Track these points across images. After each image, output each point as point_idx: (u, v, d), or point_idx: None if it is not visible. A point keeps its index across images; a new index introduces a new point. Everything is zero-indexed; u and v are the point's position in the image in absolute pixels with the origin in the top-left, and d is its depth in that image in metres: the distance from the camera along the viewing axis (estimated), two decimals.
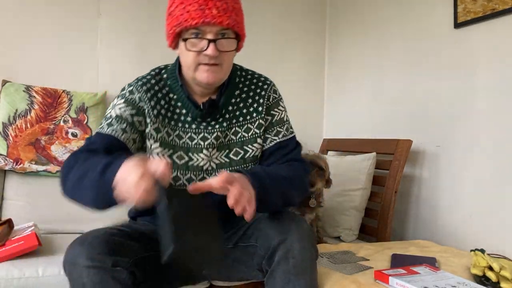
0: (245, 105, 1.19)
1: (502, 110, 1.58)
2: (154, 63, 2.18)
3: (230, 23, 1.03)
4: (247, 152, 1.18)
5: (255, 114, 1.19)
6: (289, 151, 1.20)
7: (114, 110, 1.11)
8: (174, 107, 1.15)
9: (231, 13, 1.03)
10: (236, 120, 1.18)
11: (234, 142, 1.18)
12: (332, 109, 2.59)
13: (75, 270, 0.92)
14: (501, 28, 1.59)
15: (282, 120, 1.23)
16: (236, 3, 1.07)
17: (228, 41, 1.06)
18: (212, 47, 1.02)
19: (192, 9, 1.01)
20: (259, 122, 1.19)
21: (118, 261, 0.94)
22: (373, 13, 2.25)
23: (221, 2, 1.02)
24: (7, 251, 1.32)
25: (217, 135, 1.16)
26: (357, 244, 1.63)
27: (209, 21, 1.00)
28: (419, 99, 1.95)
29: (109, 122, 1.09)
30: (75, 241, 0.97)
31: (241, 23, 1.09)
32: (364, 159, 1.94)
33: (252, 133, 1.19)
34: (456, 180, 1.75)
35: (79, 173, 0.95)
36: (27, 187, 1.77)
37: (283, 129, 1.22)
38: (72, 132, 1.85)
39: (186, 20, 1.01)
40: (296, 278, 0.99)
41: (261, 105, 1.20)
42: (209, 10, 1.00)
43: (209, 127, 1.15)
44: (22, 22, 1.96)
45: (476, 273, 1.20)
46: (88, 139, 1.10)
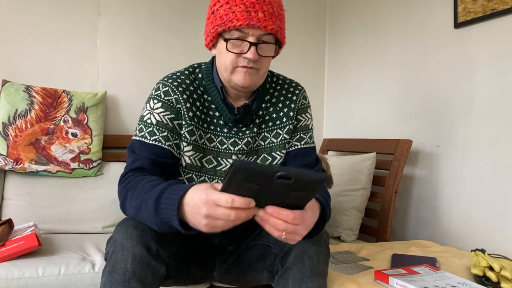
0: (275, 110, 1.17)
1: (501, 110, 1.58)
2: (154, 63, 2.21)
3: (274, 28, 1.01)
4: (275, 158, 1.16)
5: (285, 119, 1.16)
6: (310, 162, 1.17)
7: (153, 115, 1.07)
8: (208, 109, 1.12)
9: (276, 19, 1.01)
10: (266, 125, 1.16)
11: (263, 148, 1.16)
12: (332, 109, 2.59)
13: (122, 251, 0.91)
14: (501, 28, 1.59)
15: (307, 127, 1.20)
16: (281, 9, 1.05)
17: (268, 46, 1.04)
18: (253, 51, 1.00)
19: (238, 9, 0.99)
20: (289, 128, 1.16)
21: (161, 252, 0.95)
22: (373, 13, 2.25)
23: (267, 6, 1.00)
24: (7, 251, 1.32)
25: (247, 140, 1.13)
26: (358, 244, 1.63)
27: (254, 24, 0.98)
28: (419, 99, 1.95)
29: (151, 130, 1.06)
30: (127, 222, 0.96)
31: (283, 30, 1.07)
32: (364, 159, 1.94)
33: (281, 139, 1.16)
34: (456, 180, 1.75)
35: (135, 206, 0.93)
36: (27, 187, 1.77)
37: (306, 137, 1.19)
38: (72, 132, 1.85)
39: (231, 20, 0.99)
40: (310, 280, 0.98)
41: (292, 110, 1.17)
42: (255, 13, 0.98)
43: (240, 133, 1.13)
44: (22, 22, 1.96)
45: (477, 273, 1.20)
46: (131, 151, 1.06)
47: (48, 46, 2.00)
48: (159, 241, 0.95)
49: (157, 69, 2.19)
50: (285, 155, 1.17)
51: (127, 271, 0.89)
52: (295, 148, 1.17)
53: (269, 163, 1.15)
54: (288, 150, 1.17)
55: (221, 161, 1.12)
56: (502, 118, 1.58)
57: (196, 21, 2.29)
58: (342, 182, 1.91)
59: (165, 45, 2.22)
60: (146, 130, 1.06)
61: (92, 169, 1.88)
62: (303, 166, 1.16)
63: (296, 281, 0.98)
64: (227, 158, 1.12)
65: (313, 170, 1.16)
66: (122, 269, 0.89)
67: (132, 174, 1.01)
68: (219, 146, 1.12)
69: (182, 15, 2.27)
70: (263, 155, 1.15)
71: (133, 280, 0.89)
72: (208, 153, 1.11)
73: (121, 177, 1.03)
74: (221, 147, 1.12)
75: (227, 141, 1.12)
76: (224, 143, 1.12)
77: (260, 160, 1.15)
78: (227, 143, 1.12)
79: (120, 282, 0.89)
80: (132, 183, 0.97)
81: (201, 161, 1.11)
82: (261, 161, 1.16)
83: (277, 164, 1.16)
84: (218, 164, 1.12)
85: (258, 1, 0.99)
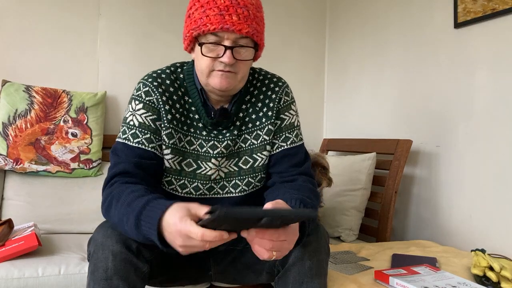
0: (255, 110, 1.14)
1: (501, 110, 1.58)
2: (154, 63, 2.20)
3: (249, 31, 0.99)
4: (257, 160, 1.13)
5: (264, 120, 1.13)
6: (298, 161, 1.14)
7: (135, 117, 1.06)
8: (188, 111, 1.10)
9: (251, 21, 0.99)
10: (246, 126, 1.13)
11: (244, 150, 1.13)
12: (332, 109, 2.59)
13: (102, 250, 0.92)
14: (501, 28, 1.59)
15: (292, 125, 1.16)
16: (258, 11, 1.03)
17: (245, 50, 1.02)
18: (229, 55, 0.99)
19: (211, 13, 0.97)
20: (268, 128, 1.13)
21: (142, 250, 0.95)
22: (373, 13, 2.25)
23: (242, 9, 0.98)
24: (7, 251, 1.32)
25: (227, 143, 1.11)
26: (358, 244, 1.63)
27: (228, 28, 0.97)
28: (419, 99, 1.95)
29: (134, 133, 1.05)
30: (107, 223, 0.97)
31: (261, 33, 1.04)
32: (364, 159, 1.94)
33: (261, 140, 1.13)
34: (456, 180, 1.75)
35: (117, 217, 0.93)
36: (27, 187, 1.77)
37: (292, 135, 1.15)
38: (72, 132, 1.85)
39: (205, 24, 0.98)
40: (310, 280, 0.98)
41: (271, 109, 1.14)
42: (229, 16, 0.97)
43: (220, 136, 1.11)
44: (22, 22, 1.96)
45: (477, 273, 1.20)
46: (115, 153, 1.05)
47: (48, 46, 2.00)
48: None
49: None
50: (271, 157, 1.15)
51: (108, 269, 0.90)
52: (282, 149, 1.14)
53: (251, 165, 1.13)
54: (274, 151, 1.14)
55: (201, 164, 1.11)
56: (502, 118, 1.58)
57: None
58: (342, 182, 1.91)
59: (165, 45, 2.22)
60: (129, 132, 1.05)
61: (92, 169, 1.87)
62: (291, 167, 1.13)
63: (296, 281, 0.98)
64: (206, 162, 1.11)
65: (302, 170, 1.14)
66: (103, 267, 0.90)
67: (117, 180, 1.00)
68: (198, 149, 1.10)
69: (182, 15, 2.25)
70: (244, 157, 1.13)
71: (115, 277, 0.90)
72: (187, 156, 1.10)
73: (105, 182, 1.03)
74: (200, 150, 1.10)
75: (206, 144, 1.11)
76: (203, 146, 1.11)
77: (241, 162, 1.13)
78: (206, 146, 1.11)
79: (102, 280, 0.90)
80: (116, 191, 0.96)
81: (180, 165, 1.10)
82: (242, 164, 1.13)
83: (259, 166, 1.13)
84: (198, 167, 1.11)
85: (232, 4, 0.97)
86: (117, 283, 0.90)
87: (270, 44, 2.49)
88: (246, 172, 1.14)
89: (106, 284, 0.90)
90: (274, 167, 1.14)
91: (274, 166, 1.14)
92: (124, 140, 1.05)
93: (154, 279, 1.07)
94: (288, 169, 1.13)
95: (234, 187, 1.13)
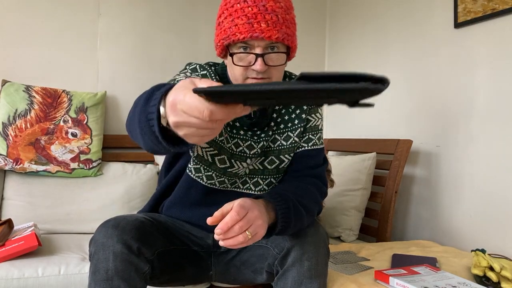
0: (288, 112, 1.15)
1: (501, 110, 1.58)
2: (154, 63, 2.21)
3: (279, 37, 0.98)
4: (283, 162, 1.14)
5: (297, 121, 1.14)
6: (315, 164, 1.15)
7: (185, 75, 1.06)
8: None
9: (281, 26, 0.98)
10: (277, 127, 1.14)
11: (271, 150, 1.13)
12: (332, 109, 2.59)
13: (103, 251, 0.92)
14: (501, 28, 1.59)
15: (317, 127, 1.17)
16: (287, 13, 1.01)
17: (277, 55, 1.01)
18: (260, 62, 0.98)
19: (240, 22, 0.96)
20: (300, 130, 1.14)
21: (143, 250, 0.95)
22: (373, 13, 2.25)
23: (270, 14, 0.97)
24: (7, 251, 1.32)
25: (263, 144, 1.11)
26: (358, 244, 1.63)
27: (257, 36, 0.96)
28: (419, 99, 1.95)
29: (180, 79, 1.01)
30: (109, 222, 0.97)
31: (292, 35, 1.03)
32: (364, 159, 1.94)
33: (291, 142, 1.14)
34: (456, 180, 1.75)
35: (135, 105, 0.82)
36: (27, 187, 1.77)
37: (315, 138, 1.16)
38: (72, 132, 1.85)
39: (234, 34, 0.97)
40: (310, 281, 0.98)
41: (304, 112, 1.14)
42: (258, 24, 0.96)
43: (255, 136, 1.11)
44: (22, 22, 1.95)
45: (477, 273, 1.20)
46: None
47: (48, 46, 2.00)
48: (140, 240, 0.96)
49: (157, 69, 2.19)
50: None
51: (109, 270, 0.90)
52: (302, 150, 1.15)
53: (276, 165, 1.14)
54: (295, 150, 1.15)
55: (234, 163, 1.11)
56: (502, 118, 1.58)
57: (196, 21, 2.29)
58: (342, 182, 1.91)
59: (165, 45, 2.22)
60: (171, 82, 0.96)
61: (92, 169, 1.87)
62: (306, 168, 1.14)
63: (295, 282, 0.98)
64: (241, 161, 1.11)
65: (316, 172, 1.14)
66: (104, 268, 0.91)
67: None
68: (233, 148, 1.10)
69: (182, 15, 2.27)
70: (270, 157, 1.14)
71: (116, 278, 0.90)
72: (223, 152, 1.10)
73: None
74: (235, 149, 1.10)
75: (242, 144, 1.10)
76: (239, 146, 1.10)
77: (267, 161, 1.14)
78: (242, 145, 1.10)
79: (103, 280, 0.90)
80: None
81: (213, 158, 1.09)
82: (268, 163, 1.14)
83: (284, 168, 1.13)
84: (231, 166, 1.11)
85: (260, 10, 0.96)
86: (118, 284, 0.90)
87: None
88: (270, 172, 1.14)
89: (107, 284, 0.90)
90: (291, 165, 1.15)
91: (291, 164, 1.15)
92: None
93: (155, 279, 1.07)
94: (303, 169, 1.14)
95: (255, 184, 1.14)
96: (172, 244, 1.09)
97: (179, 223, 1.16)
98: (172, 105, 0.61)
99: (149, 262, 0.97)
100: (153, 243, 1.01)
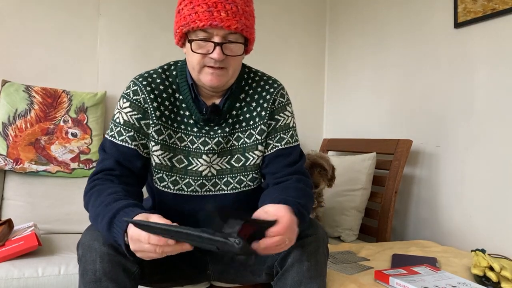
0: (249, 110, 1.14)
1: (502, 110, 1.58)
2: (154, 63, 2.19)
3: (238, 27, 0.99)
4: (248, 159, 1.13)
5: (258, 119, 1.13)
6: (292, 161, 1.14)
7: (121, 114, 1.08)
8: (178, 108, 1.11)
9: (240, 17, 1.00)
10: (239, 125, 1.14)
11: (236, 148, 1.13)
12: (332, 109, 2.59)
13: (89, 253, 0.92)
14: (501, 28, 1.59)
15: (288, 126, 1.16)
16: (247, 5, 1.03)
17: (235, 45, 1.02)
18: (218, 51, 0.99)
19: (200, 10, 0.98)
20: (261, 128, 1.13)
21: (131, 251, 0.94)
22: (373, 13, 2.25)
23: (230, 4, 0.98)
24: (7, 251, 1.32)
25: (218, 140, 1.11)
26: (358, 244, 1.63)
27: (216, 24, 0.97)
28: (419, 99, 1.95)
29: (119, 130, 1.08)
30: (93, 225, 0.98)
31: (250, 27, 1.05)
32: (364, 159, 1.94)
33: (253, 139, 1.13)
34: (456, 180, 1.75)
35: (94, 214, 0.98)
36: (27, 187, 1.77)
37: (287, 136, 1.15)
38: (72, 132, 1.85)
39: (194, 21, 0.98)
40: (309, 281, 0.98)
41: (265, 110, 1.14)
42: (218, 12, 0.97)
43: (211, 132, 1.11)
44: (22, 22, 1.95)
45: (477, 273, 1.20)
46: (103, 149, 1.10)
47: (48, 46, 2.00)
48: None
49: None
50: (265, 157, 1.14)
51: (96, 271, 0.91)
52: (276, 149, 1.14)
53: (243, 163, 1.14)
54: (269, 151, 1.14)
55: (192, 160, 1.11)
56: (502, 118, 1.58)
57: None
58: (342, 182, 1.91)
59: (165, 45, 2.22)
60: (115, 129, 1.08)
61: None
62: (284, 167, 1.13)
63: (294, 283, 0.98)
64: (197, 158, 1.11)
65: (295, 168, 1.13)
66: (92, 269, 0.91)
67: (101, 176, 1.05)
68: (189, 145, 1.11)
69: None
70: (236, 156, 1.14)
71: (104, 279, 0.91)
72: (178, 153, 1.11)
73: (91, 175, 1.08)
74: (191, 146, 1.11)
75: (197, 140, 1.11)
76: (194, 142, 1.11)
77: (234, 160, 1.14)
78: (197, 142, 1.11)
79: (91, 282, 0.91)
80: (97, 188, 1.01)
81: (171, 161, 1.10)
82: (235, 161, 1.14)
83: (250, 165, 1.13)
84: (189, 163, 1.11)
85: (220, 0, 0.98)
86: (107, 285, 0.91)
87: (270, 44, 2.49)
88: (238, 170, 1.14)
89: (96, 286, 0.90)
90: (267, 167, 1.14)
91: (267, 167, 1.14)
92: (110, 137, 1.09)
93: (146, 279, 1.06)
94: (281, 169, 1.12)
95: (226, 184, 1.14)
96: None
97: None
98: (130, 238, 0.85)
99: (138, 262, 0.96)
100: None
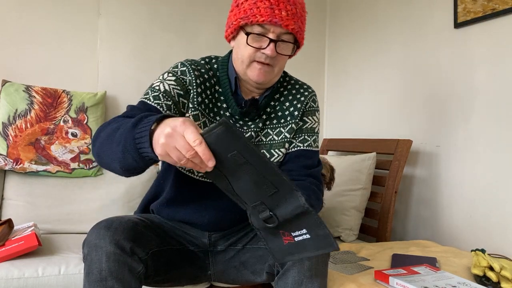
0: (282, 108, 1.18)
1: (502, 110, 1.58)
2: (154, 63, 2.21)
3: (294, 28, 1.03)
4: (273, 156, 1.15)
5: (289, 118, 1.17)
6: (311, 164, 1.16)
7: (163, 84, 1.07)
8: (216, 100, 1.13)
9: (297, 19, 1.04)
10: (270, 122, 1.17)
11: (263, 144, 1.16)
12: (332, 109, 2.59)
13: (96, 252, 0.92)
14: (501, 28, 1.59)
15: (313, 130, 1.21)
16: (304, 11, 1.08)
17: (287, 45, 1.06)
18: (272, 47, 1.03)
19: (262, 6, 1.01)
20: (291, 127, 1.17)
21: (136, 250, 0.95)
22: (373, 13, 2.25)
23: (291, 6, 1.03)
24: (7, 251, 1.32)
25: (250, 135, 1.14)
26: (358, 244, 1.63)
27: (276, 22, 1.01)
28: (419, 99, 1.95)
29: (156, 95, 1.04)
30: (101, 223, 0.97)
31: (303, 32, 1.09)
32: (364, 159, 1.94)
33: (282, 137, 1.16)
34: (456, 180, 1.75)
35: (111, 129, 0.88)
36: (27, 187, 1.77)
37: (310, 139, 1.19)
38: (72, 132, 1.85)
39: (255, 15, 1.01)
40: (310, 281, 0.98)
41: (297, 110, 1.18)
42: (279, 11, 1.01)
43: (245, 127, 1.14)
44: (22, 22, 1.95)
45: (477, 273, 1.20)
46: (130, 106, 1.03)
47: (48, 46, 2.00)
48: (133, 240, 0.96)
49: (157, 69, 2.19)
50: (285, 155, 1.17)
51: (102, 270, 0.91)
52: (298, 149, 1.17)
53: None
54: (290, 150, 1.17)
55: None
56: (502, 118, 1.58)
57: (196, 21, 2.29)
58: (342, 182, 1.91)
59: (165, 45, 2.22)
60: (151, 94, 1.05)
61: (92, 169, 1.87)
62: (302, 167, 1.15)
63: (295, 282, 0.98)
64: None
65: (312, 172, 1.15)
66: (97, 268, 0.91)
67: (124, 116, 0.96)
68: None
69: (181, 15, 2.27)
70: (262, 151, 1.15)
71: (109, 278, 0.90)
72: None
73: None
74: None
75: None
76: None
77: None
78: None
79: (97, 281, 0.91)
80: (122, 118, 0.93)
81: None
82: None
83: (274, 163, 1.15)
84: None
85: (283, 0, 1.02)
86: (112, 284, 0.91)
87: None
88: None
89: (101, 285, 0.90)
90: (286, 164, 1.17)
91: (286, 164, 1.17)
92: (144, 98, 1.05)
93: (150, 279, 1.07)
94: (299, 169, 1.15)
95: None
96: (168, 244, 1.09)
97: (175, 223, 1.17)
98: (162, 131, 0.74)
99: (143, 262, 0.97)
100: (147, 243, 1.01)
